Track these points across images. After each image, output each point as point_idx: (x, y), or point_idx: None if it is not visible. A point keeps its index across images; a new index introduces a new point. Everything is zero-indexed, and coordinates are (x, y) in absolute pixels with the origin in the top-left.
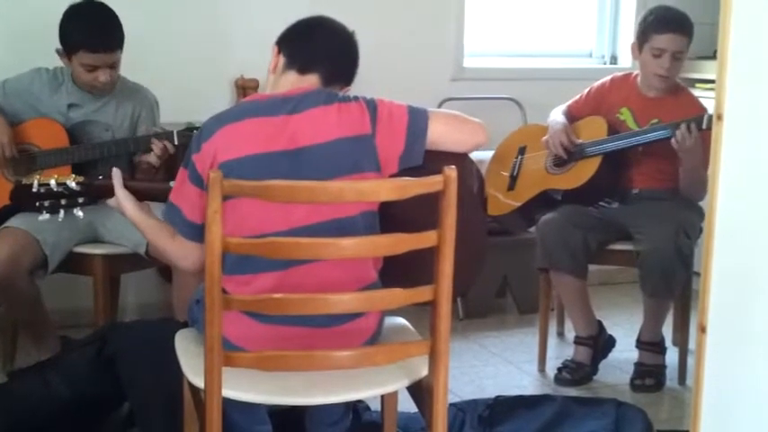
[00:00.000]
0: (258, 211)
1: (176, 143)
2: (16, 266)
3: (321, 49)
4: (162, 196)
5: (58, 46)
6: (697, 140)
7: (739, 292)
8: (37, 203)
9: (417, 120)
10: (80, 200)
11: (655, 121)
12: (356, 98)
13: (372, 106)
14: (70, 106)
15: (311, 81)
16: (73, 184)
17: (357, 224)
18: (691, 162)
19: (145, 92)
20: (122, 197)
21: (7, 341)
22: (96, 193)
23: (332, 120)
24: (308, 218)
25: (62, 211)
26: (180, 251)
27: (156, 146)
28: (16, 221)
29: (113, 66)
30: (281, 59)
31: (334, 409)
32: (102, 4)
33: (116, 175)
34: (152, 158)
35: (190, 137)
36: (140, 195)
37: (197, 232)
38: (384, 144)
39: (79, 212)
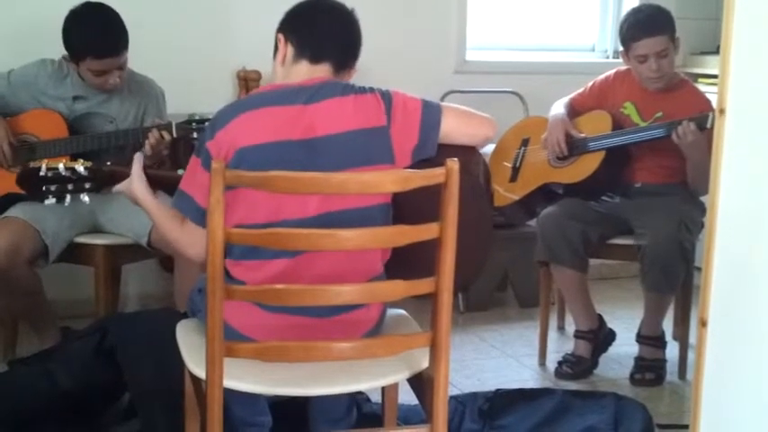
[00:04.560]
0: (270, 200)
1: (175, 135)
2: (16, 256)
3: (329, 36)
4: (172, 185)
5: (65, 52)
6: (698, 135)
7: (740, 286)
8: (44, 188)
9: (431, 113)
10: (87, 185)
11: (659, 114)
12: (371, 89)
13: (387, 98)
14: (75, 98)
15: (324, 69)
16: (81, 169)
17: (371, 215)
18: (696, 157)
19: (151, 84)
20: (137, 178)
21: (8, 331)
22: (104, 179)
23: (348, 111)
24: (321, 207)
25: (68, 197)
26: (188, 239)
27: (152, 135)
28: (16, 211)
29: (121, 67)
30: (290, 50)
31: (337, 407)
32: (102, 5)
33: (137, 158)
34: (146, 149)
35: (188, 129)
36: (152, 184)
37: None
38: (399, 136)
39: (85, 198)
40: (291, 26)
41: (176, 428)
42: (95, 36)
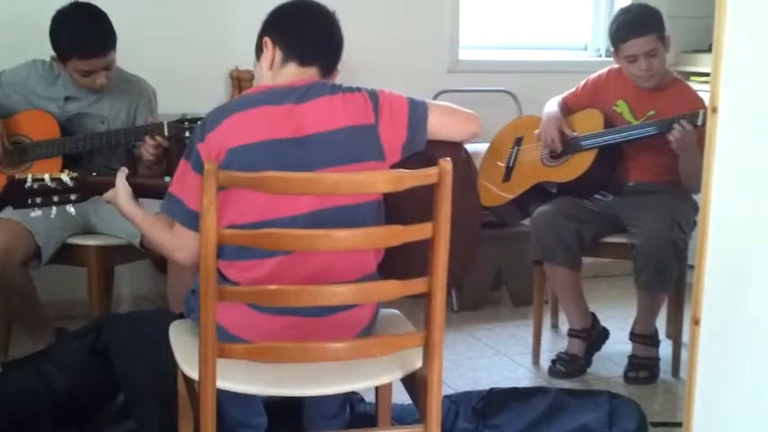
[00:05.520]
0: (261, 199)
1: (167, 135)
2: (9, 258)
3: (317, 41)
4: (159, 193)
5: (53, 52)
6: (691, 135)
7: (733, 285)
8: (29, 200)
9: (417, 110)
10: (73, 196)
11: (651, 113)
12: (358, 89)
13: (374, 97)
14: (67, 99)
15: (311, 71)
16: (67, 180)
17: (362, 212)
18: (687, 155)
19: (142, 83)
20: (120, 189)
21: (1, 332)
22: (91, 190)
23: (337, 109)
24: (312, 205)
25: (54, 208)
26: (178, 243)
27: (148, 144)
28: (8, 212)
29: (108, 67)
30: (278, 53)
31: (331, 405)
32: (89, 4)
33: (121, 171)
34: (146, 155)
35: (180, 129)
36: (138, 192)
37: (198, 221)
38: (387, 134)
39: (71, 209)
40: (278, 30)
41: (170, 429)
42: (80, 36)
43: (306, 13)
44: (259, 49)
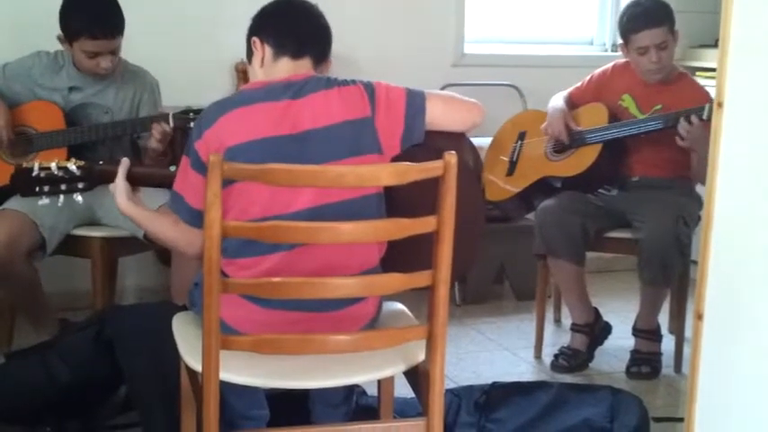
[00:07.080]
0: (265, 194)
1: (172, 125)
2: (14, 249)
3: (306, 32)
4: (164, 182)
5: (59, 32)
6: (702, 128)
7: (736, 280)
8: (37, 188)
9: (415, 100)
10: (80, 185)
11: (658, 107)
12: (354, 81)
13: (370, 89)
14: (71, 89)
15: (305, 64)
16: (74, 168)
17: (364, 206)
18: (702, 150)
19: (146, 75)
20: (118, 189)
21: (5, 323)
22: (97, 179)
23: (334, 104)
24: (315, 200)
25: (62, 197)
26: (183, 238)
27: (156, 130)
28: (14, 203)
29: (114, 51)
30: (268, 50)
31: (337, 392)
32: None
33: (123, 163)
34: (153, 143)
35: (185, 119)
36: (142, 182)
37: (201, 219)
38: (384, 126)
39: (78, 197)
40: (266, 28)
41: (173, 421)
42: (92, 16)
43: (290, 9)
44: (249, 51)
